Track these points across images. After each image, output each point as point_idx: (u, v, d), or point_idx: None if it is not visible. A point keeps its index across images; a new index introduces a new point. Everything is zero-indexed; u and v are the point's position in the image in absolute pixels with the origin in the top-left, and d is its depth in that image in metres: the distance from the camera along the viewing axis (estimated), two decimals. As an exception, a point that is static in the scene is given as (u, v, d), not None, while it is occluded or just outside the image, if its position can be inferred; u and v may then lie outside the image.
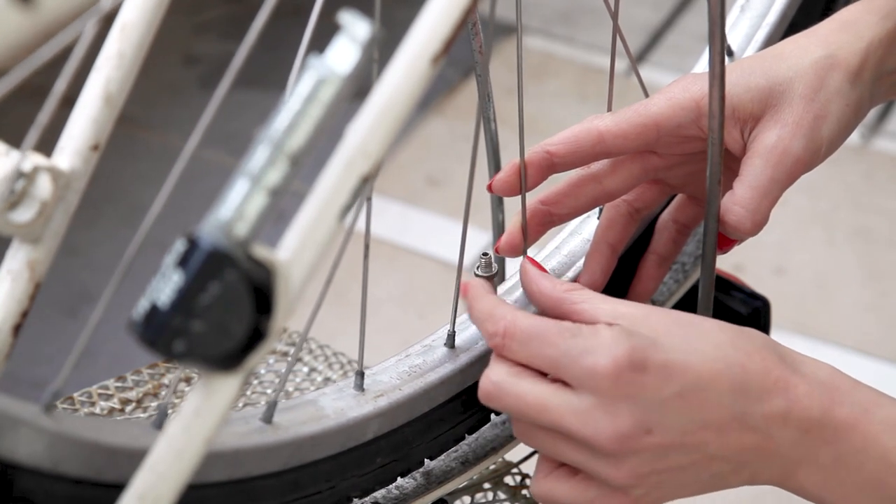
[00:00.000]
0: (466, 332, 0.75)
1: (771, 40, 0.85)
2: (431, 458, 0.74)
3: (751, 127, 0.71)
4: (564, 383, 0.63)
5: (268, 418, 0.66)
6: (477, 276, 0.73)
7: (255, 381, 0.90)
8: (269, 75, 2.25)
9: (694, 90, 0.70)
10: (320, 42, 0.54)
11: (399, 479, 0.73)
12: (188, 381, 0.89)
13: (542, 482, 0.66)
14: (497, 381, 0.64)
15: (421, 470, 0.73)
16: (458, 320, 0.75)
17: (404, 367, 0.73)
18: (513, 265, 0.78)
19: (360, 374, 0.71)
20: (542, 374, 0.64)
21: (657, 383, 0.61)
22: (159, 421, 0.62)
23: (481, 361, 0.74)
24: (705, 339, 0.62)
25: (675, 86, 0.72)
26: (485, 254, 0.72)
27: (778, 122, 0.70)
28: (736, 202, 0.69)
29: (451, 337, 0.74)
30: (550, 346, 0.62)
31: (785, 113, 0.70)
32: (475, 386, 0.74)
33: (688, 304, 0.83)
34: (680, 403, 0.61)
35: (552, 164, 0.71)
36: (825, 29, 0.73)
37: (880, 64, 0.72)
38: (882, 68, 0.73)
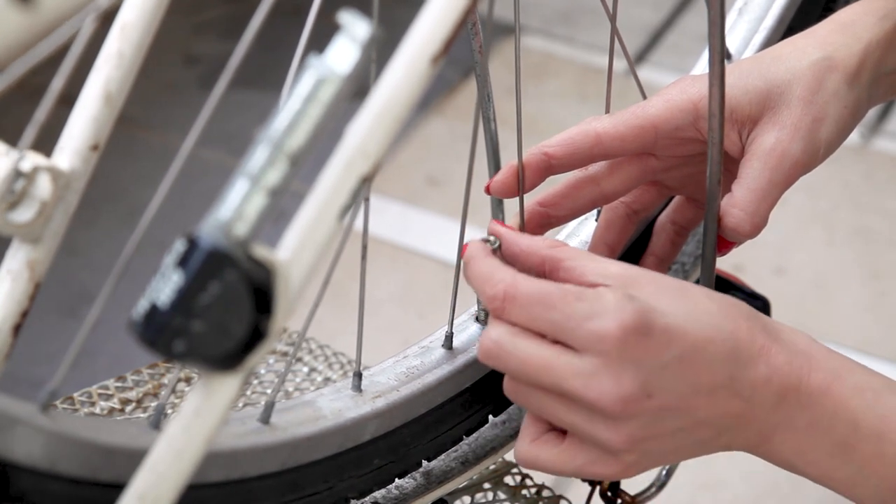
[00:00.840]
0: (464, 334, 0.75)
1: (768, 43, 0.85)
2: (429, 460, 0.74)
3: (749, 129, 0.71)
4: (564, 345, 0.63)
5: (265, 419, 0.66)
6: None
7: (255, 381, 0.90)
8: (269, 75, 2.25)
9: (692, 92, 0.70)
10: (320, 42, 0.54)
11: (399, 479, 0.73)
12: (188, 381, 0.88)
13: (528, 447, 0.65)
14: (497, 339, 0.63)
15: (421, 470, 0.73)
16: (455, 322, 0.75)
17: (402, 368, 0.73)
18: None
19: (358, 375, 0.71)
20: (541, 335, 0.64)
21: (659, 347, 0.61)
22: (156, 421, 0.62)
23: (477, 364, 0.74)
24: (695, 305, 0.63)
25: (672, 88, 0.71)
26: (485, 239, 0.72)
27: (776, 124, 0.70)
28: (734, 205, 0.69)
29: (449, 339, 0.74)
30: (554, 310, 0.62)
31: (783, 115, 0.70)
32: (473, 387, 0.74)
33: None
34: (678, 368, 0.61)
35: (550, 166, 0.71)
36: (823, 30, 0.73)
37: (878, 65, 0.72)
38: (880, 69, 0.73)
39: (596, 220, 0.80)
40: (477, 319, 0.77)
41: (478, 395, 0.75)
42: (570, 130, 0.72)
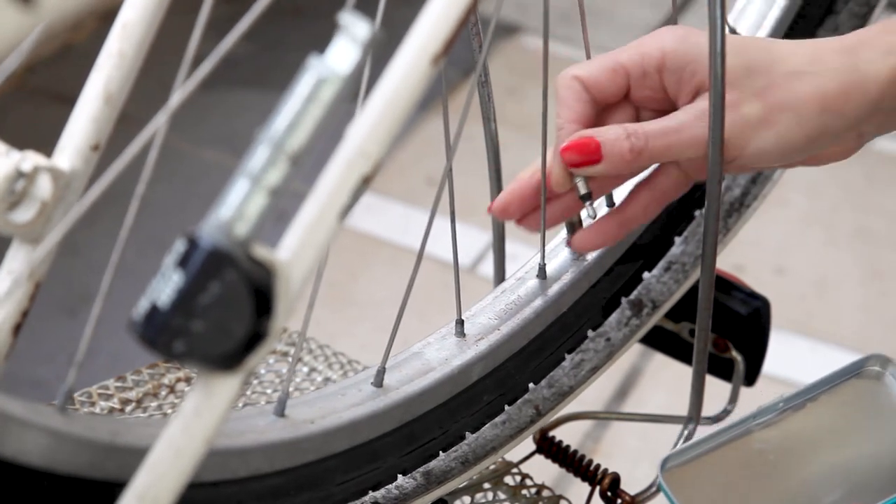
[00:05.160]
0: (556, 260, 0.78)
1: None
2: (535, 383, 0.77)
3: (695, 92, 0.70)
4: None
5: (379, 382, 0.70)
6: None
7: (256, 381, 0.90)
8: (270, 75, 2.25)
9: (665, 39, 0.69)
10: (319, 42, 0.54)
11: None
12: (188, 381, 0.88)
13: None
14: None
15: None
16: (547, 249, 0.78)
17: (501, 304, 0.76)
18: (511, 266, 0.78)
19: (460, 322, 0.75)
20: None
21: None
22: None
23: (572, 289, 0.78)
24: None
25: (652, 33, 0.70)
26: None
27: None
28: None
29: (543, 269, 0.77)
30: None
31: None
32: (570, 310, 0.78)
33: (688, 303, 0.83)
34: None
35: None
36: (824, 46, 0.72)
37: (878, 101, 0.68)
38: (880, 105, 0.68)
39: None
40: (568, 244, 0.78)
41: (575, 317, 0.78)
42: (560, 89, 0.71)
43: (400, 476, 0.72)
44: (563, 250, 0.79)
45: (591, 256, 0.79)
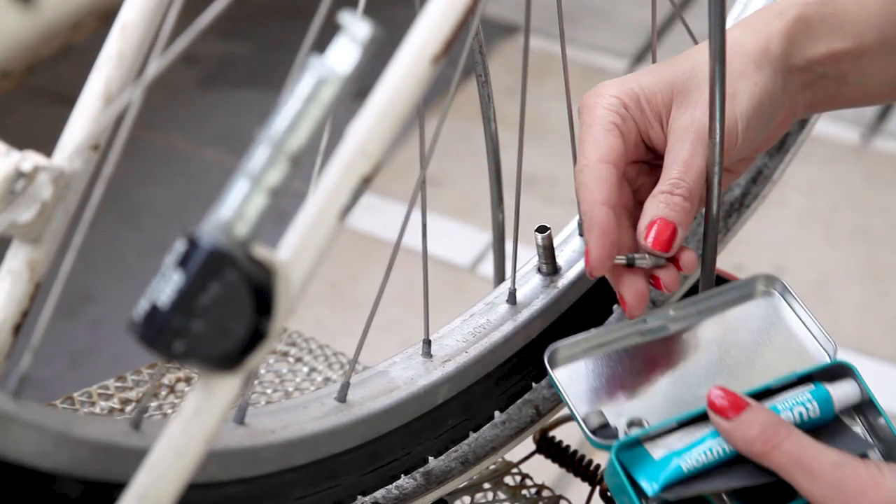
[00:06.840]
0: (527, 287, 0.78)
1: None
2: (501, 411, 0.76)
3: (666, 116, 0.71)
4: None
5: (342, 397, 0.69)
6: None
7: (256, 382, 0.90)
8: (270, 75, 2.25)
9: (637, 79, 0.71)
10: (321, 43, 0.54)
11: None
12: (188, 381, 0.89)
13: None
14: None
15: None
16: (518, 275, 0.77)
17: (469, 328, 0.76)
18: (511, 265, 0.78)
19: (427, 342, 0.74)
20: None
21: None
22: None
23: (542, 316, 0.77)
24: None
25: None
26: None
27: (688, 104, 0.70)
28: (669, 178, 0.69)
29: (513, 294, 0.77)
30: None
31: (693, 95, 0.70)
32: (538, 339, 0.77)
33: (688, 304, 0.83)
34: None
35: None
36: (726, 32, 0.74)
37: (785, 56, 0.72)
38: (788, 61, 0.72)
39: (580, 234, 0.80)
40: (539, 271, 0.78)
41: (545, 346, 0.77)
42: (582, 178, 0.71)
43: (360, 496, 0.72)
44: (534, 277, 0.78)
45: (561, 283, 0.78)
